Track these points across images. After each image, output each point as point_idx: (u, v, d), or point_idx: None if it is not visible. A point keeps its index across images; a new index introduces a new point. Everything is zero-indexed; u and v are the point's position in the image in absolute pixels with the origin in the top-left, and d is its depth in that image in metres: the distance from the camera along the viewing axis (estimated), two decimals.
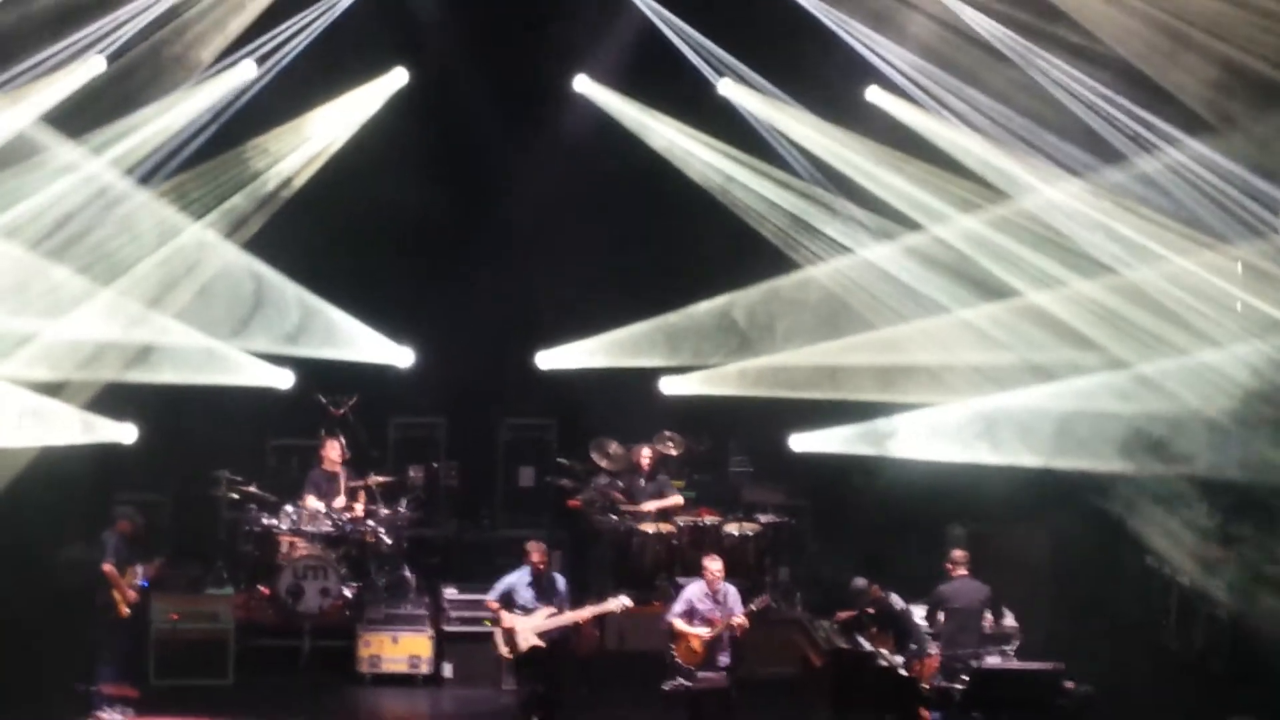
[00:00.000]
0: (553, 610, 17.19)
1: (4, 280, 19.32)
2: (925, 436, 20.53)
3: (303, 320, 21.27)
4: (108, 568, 17.72)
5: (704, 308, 22.20)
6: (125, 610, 17.81)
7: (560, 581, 17.46)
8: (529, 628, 17.12)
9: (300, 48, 20.51)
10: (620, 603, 17.44)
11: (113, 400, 20.23)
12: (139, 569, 17.98)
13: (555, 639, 17.20)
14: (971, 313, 20.40)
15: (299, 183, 21.18)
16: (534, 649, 17.11)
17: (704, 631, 16.93)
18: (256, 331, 21.11)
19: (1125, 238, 19.16)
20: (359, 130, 21.27)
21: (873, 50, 20.40)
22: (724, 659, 17.01)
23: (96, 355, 20.15)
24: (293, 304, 21.23)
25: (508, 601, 17.27)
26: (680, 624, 17.03)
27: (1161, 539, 19.05)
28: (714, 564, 17.28)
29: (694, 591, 17.19)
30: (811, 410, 21.32)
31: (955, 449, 20.06)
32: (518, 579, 17.33)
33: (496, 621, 17.33)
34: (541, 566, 17.32)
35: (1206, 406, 18.53)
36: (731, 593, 17.19)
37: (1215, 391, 18.54)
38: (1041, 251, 19.83)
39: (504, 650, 17.31)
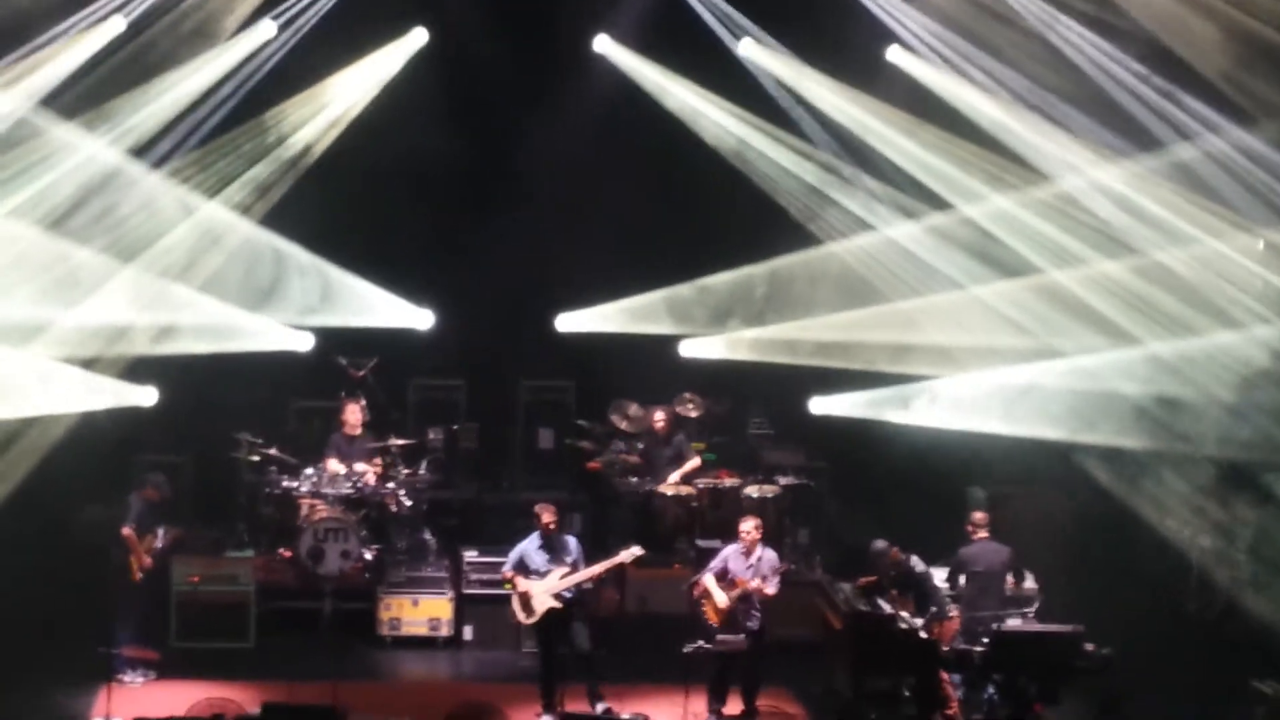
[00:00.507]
0: (566, 570, 17.22)
1: (29, 261, 19.33)
2: (944, 406, 20.47)
3: (324, 291, 21.23)
4: (127, 531, 17.76)
5: (724, 278, 22.13)
6: (138, 574, 17.85)
7: (572, 542, 17.50)
8: (544, 590, 17.16)
9: (321, 11, 20.53)
10: (631, 553, 17.51)
11: (134, 364, 20.26)
12: (159, 533, 18.02)
13: (571, 598, 17.23)
14: (987, 290, 20.33)
15: (320, 149, 21.17)
16: (550, 610, 17.15)
17: (721, 598, 16.95)
18: (279, 304, 21.11)
19: (1150, 215, 19.10)
20: (379, 92, 21.25)
21: (894, 16, 20.35)
22: (751, 623, 17.04)
23: (122, 334, 20.19)
24: (314, 279, 21.20)
25: (522, 569, 17.32)
26: (709, 583, 17.07)
27: (1179, 505, 19.05)
28: (746, 524, 17.32)
29: (731, 551, 17.23)
30: (831, 375, 21.30)
31: (974, 419, 20.01)
32: (529, 545, 17.38)
33: (513, 589, 17.38)
34: (552, 528, 17.36)
35: (1219, 388, 18.52)
36: (767, 557, 17.23)
37: (1228, 373, 18.52)
38: (1062, 228, 19.77)
39: (521, 616, 17.37)
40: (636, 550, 17.56)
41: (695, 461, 20.93)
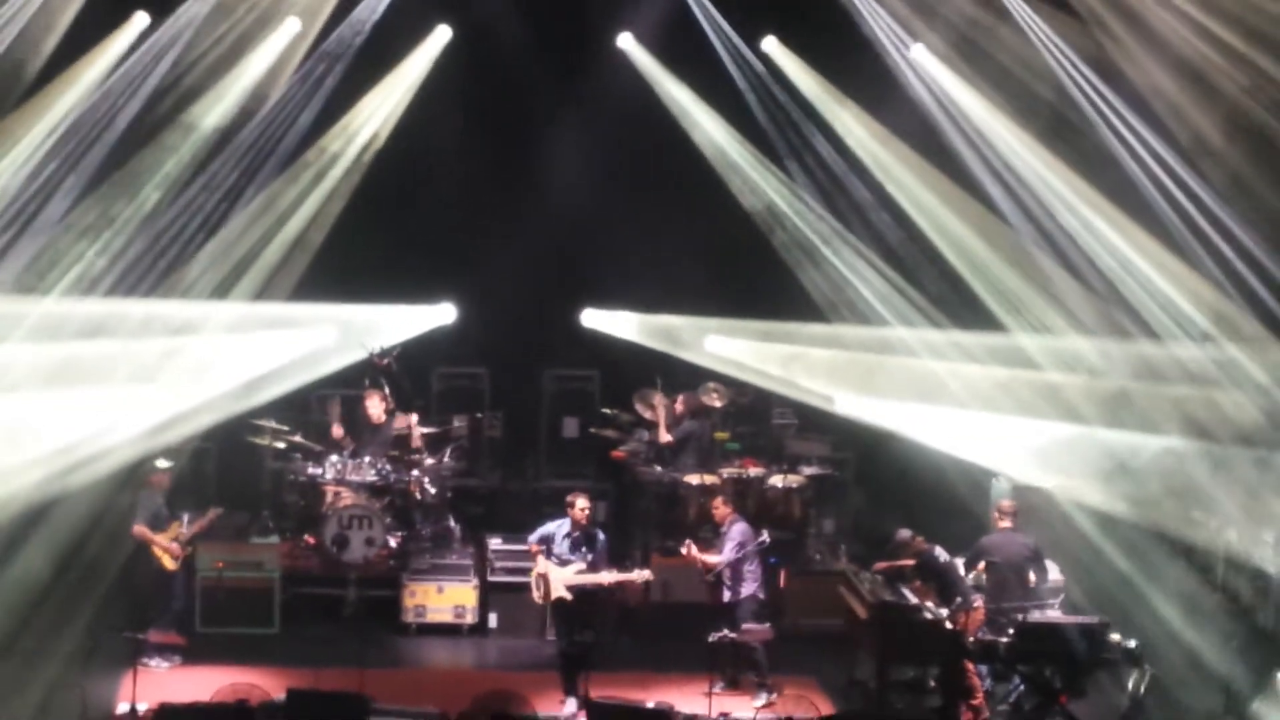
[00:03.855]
0: (584, 567, 17.26)
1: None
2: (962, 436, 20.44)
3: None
4: (138, 529, 17.81)
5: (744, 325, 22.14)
6: (171, 565, 17.89)
7: (600, 538, 17.55)
8: (560, 579, 17.23)
9: (357, 44, 20.88)
10: (642, 574, 17.73)
11: None
12: (185, 520, 18.02)
13: (582, 593, 17.29)
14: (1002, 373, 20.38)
15: (355, 153, 21.36)
16: (560, 600, 17.21)
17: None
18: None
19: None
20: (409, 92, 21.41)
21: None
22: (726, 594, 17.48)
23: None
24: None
25: (546, 546, 17.40)
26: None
27: (1208, 495, 18.97)
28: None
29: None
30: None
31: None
32: (557, 528, 17.45)
33: (534, 564, 17.51)
34: (583, 520, 17.38)
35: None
36: (735, 529, 17.72)
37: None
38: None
39: (536, 595, 17.45)
40: (647, 574, 17.83)
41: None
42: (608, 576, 17.44)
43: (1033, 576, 17.47)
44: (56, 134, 19.50)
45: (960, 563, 17.47)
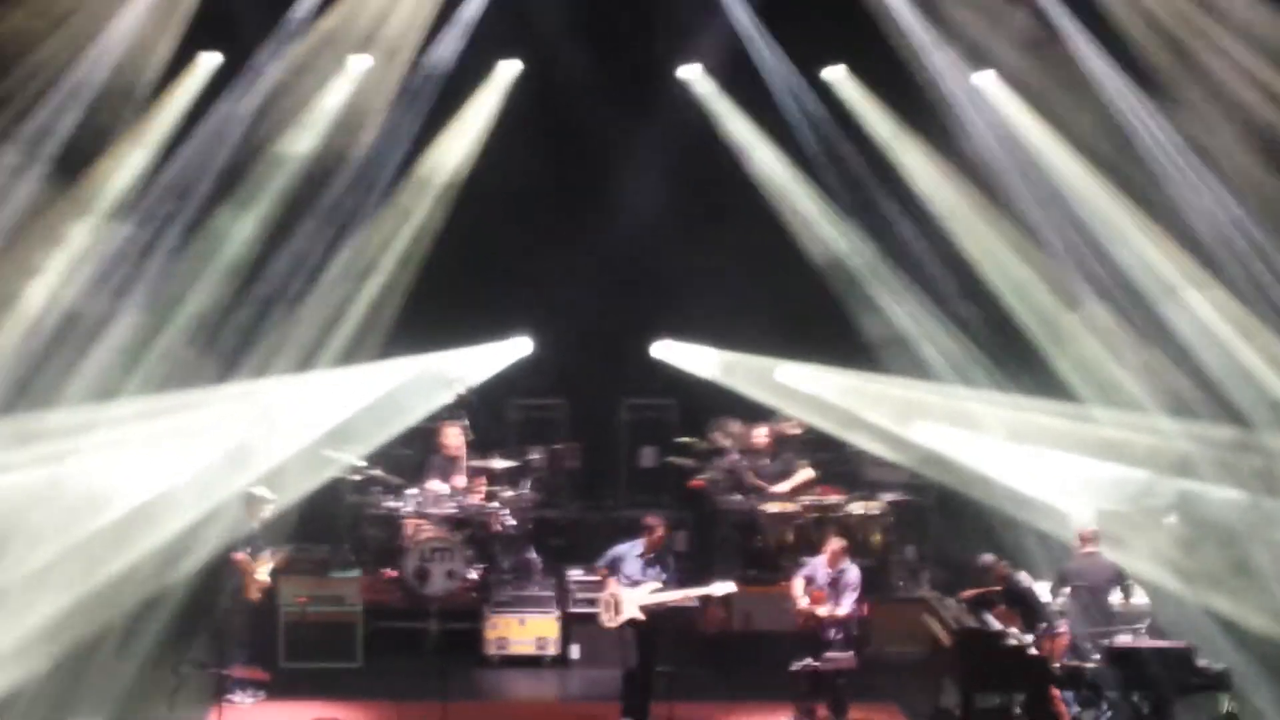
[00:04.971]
0: (658, 586, 17.20)
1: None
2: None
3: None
4: (239, 556, 17.87)
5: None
6: (256, 596, 17.97)
7: (671, 559, 17.54)
8: (633, 599, 17.15)
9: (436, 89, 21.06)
10: (725, 587, 17.54)
11: None
12: (268, 554, 18.12)
13: (656, 614, 17.20)
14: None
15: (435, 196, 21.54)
16: (633, 620, 17.13)
17: (802, 600, 17.21)
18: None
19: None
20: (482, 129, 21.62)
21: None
22: (836, 636, 17.13)
23: None
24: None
25: (614, 569, 17.35)
26: (796, 586, 17.35)
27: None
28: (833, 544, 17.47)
29: (818, 562, 17.42)
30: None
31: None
32: (628, 549, 17.39)
33: (604, 586, 17.40)
34: (658, 542, 17.34)
35: None
36: (850, 573, 17.33)
37: None
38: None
39: (605, 618, 17.32)
40: (730, 586, 17.62)
41: (808, 473, 20.76)
42: (688, 593, 17.40)
43: (1118, 600, 17.34)
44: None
45: (1045, 588, 17.35)
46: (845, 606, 17.11)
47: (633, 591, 17.16)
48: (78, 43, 19.35)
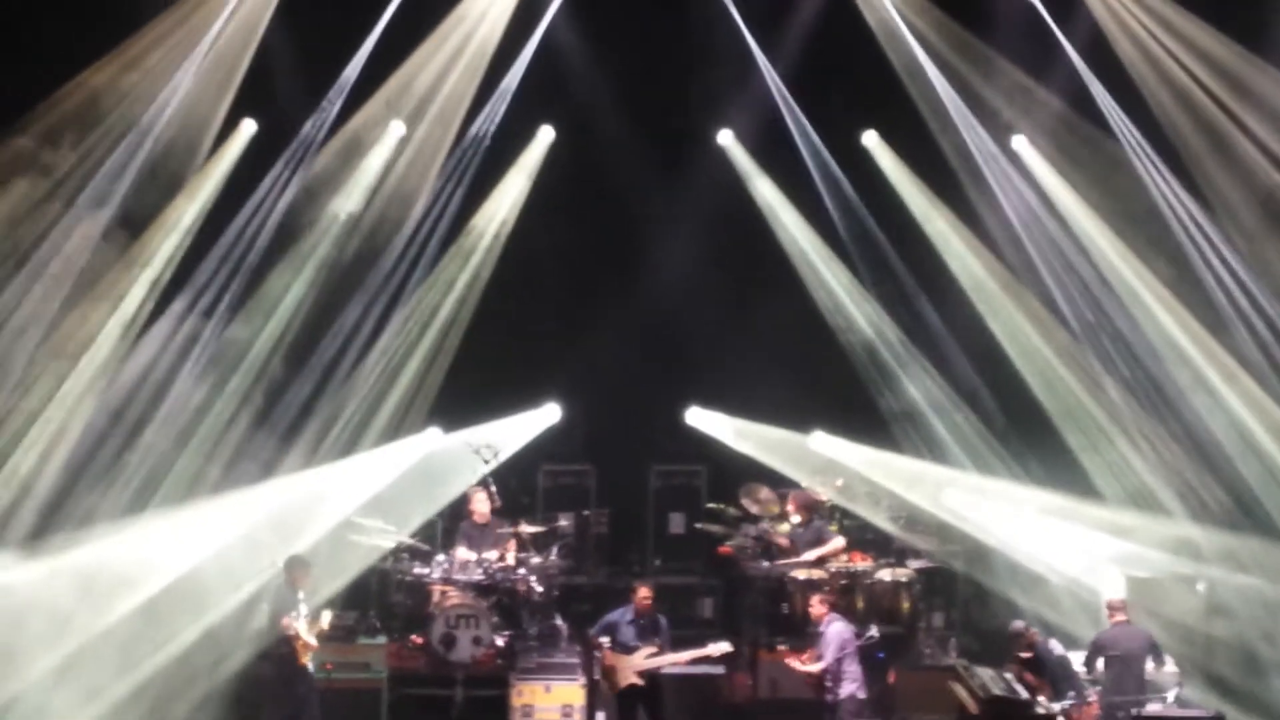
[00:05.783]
0: (653, 650, 17.32)
1: None
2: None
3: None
4: (286, 622, 17.78)
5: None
6: (305, 660, 17.89)
7: (662, 623, 17.79)
8: (629, 666, 17.32)
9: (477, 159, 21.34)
10: (720, 648, 17.74)
11: None
12: (323, 617, 18.06)
13: (654, 678, 17.33)
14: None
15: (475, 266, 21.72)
16: (632, 686, 17.26)
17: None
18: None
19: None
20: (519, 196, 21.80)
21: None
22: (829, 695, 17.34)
23: None
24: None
25: (609, 637, 17.50)
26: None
27: None
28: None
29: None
30: None
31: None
32: (619, 616, 17.72)
33: (600, 657, 17.58)
34: (647, 606, 17.60)
35: None
36: (832, 631, 17.58)
37: None
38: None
39: (604, 686, 17.64)
40: (726, 645, 17.86)
41: (838, 542, 20.67)
42: (684, 655, 17.46)
43: (1151, 667, 17.22)
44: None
45: (1078, 658, 17.25)
46: (824, 660, 17.30)
47: (629, 659, 17.31)
48: (138, 105, 19.63)
